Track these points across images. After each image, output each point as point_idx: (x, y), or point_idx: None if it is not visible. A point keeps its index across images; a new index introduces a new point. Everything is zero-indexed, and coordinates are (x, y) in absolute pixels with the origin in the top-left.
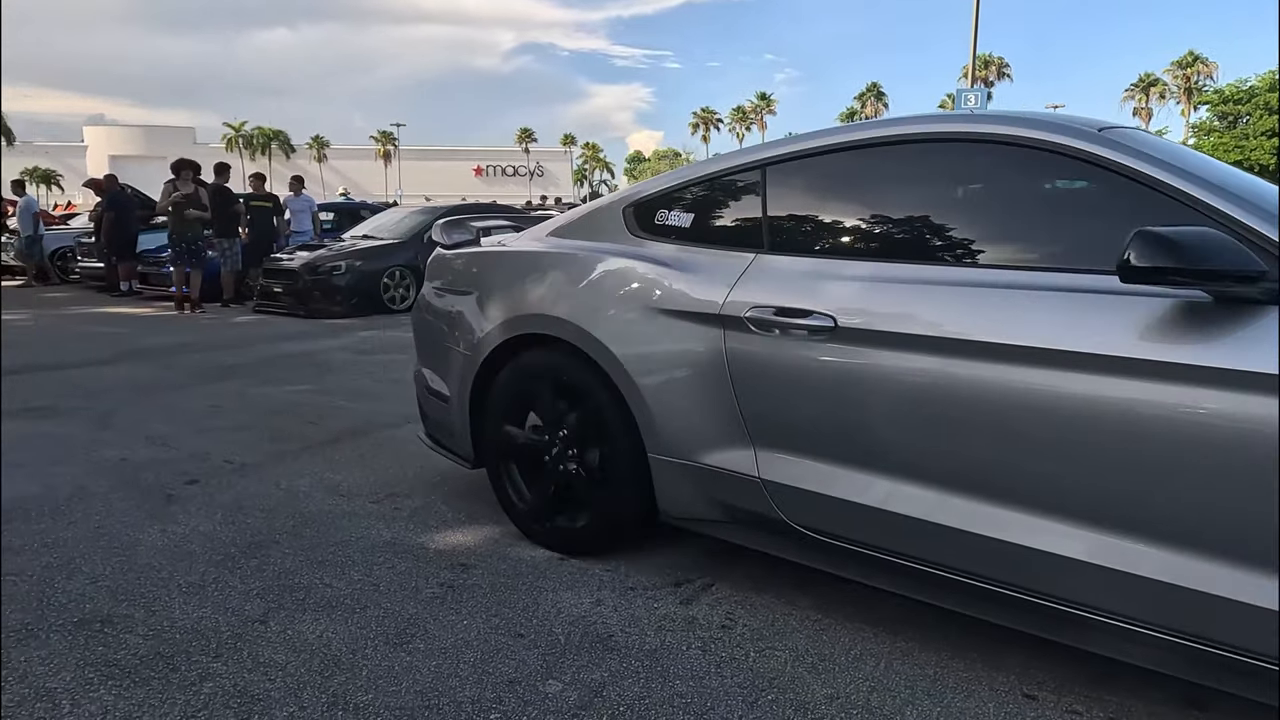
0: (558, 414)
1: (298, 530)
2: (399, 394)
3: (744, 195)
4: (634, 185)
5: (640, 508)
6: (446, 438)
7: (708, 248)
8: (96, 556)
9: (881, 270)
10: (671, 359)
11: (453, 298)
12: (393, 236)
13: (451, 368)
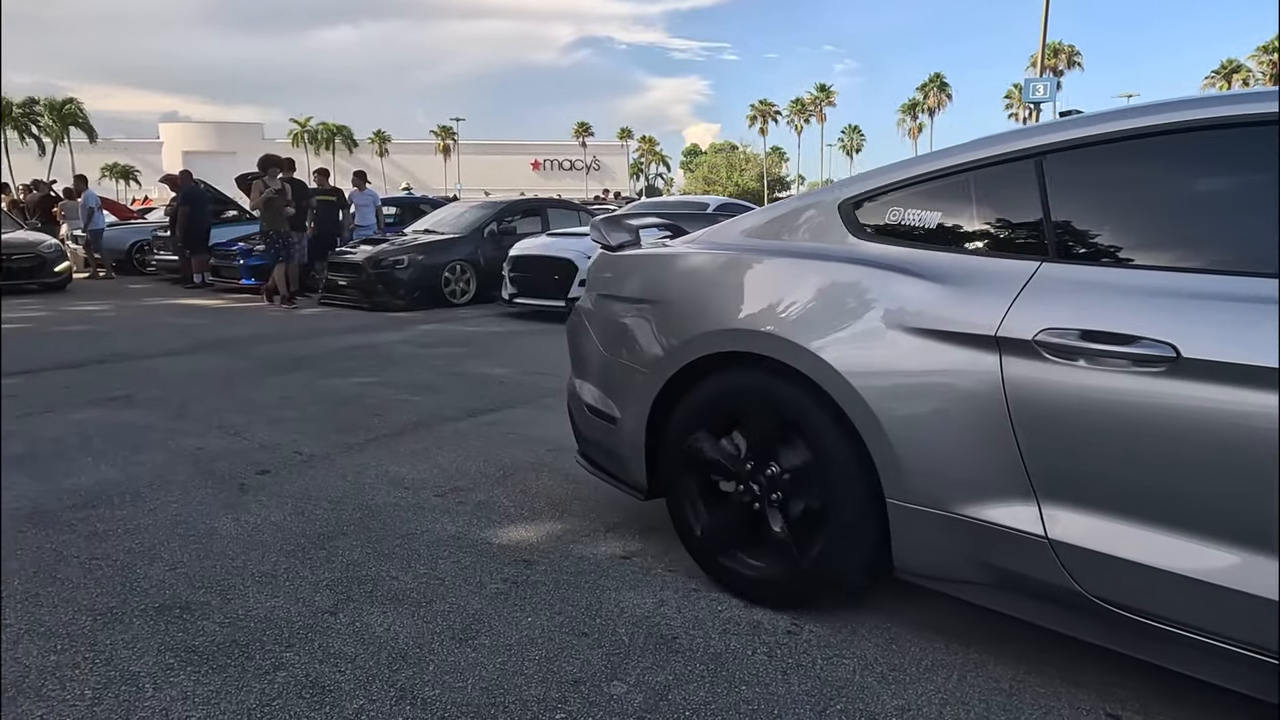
0: (762, 443)
1: (364, 522)
2: (460, 387)
3: (1013, 190)
4: (848, 178)
5: (865, 559)
6: (611, 463)
7: (964, 254)
8: (175, 544)
9: (1237, 287)
10: (926, 389)
11: (625, 307)
12: (453, 231)
13: (623, 386)
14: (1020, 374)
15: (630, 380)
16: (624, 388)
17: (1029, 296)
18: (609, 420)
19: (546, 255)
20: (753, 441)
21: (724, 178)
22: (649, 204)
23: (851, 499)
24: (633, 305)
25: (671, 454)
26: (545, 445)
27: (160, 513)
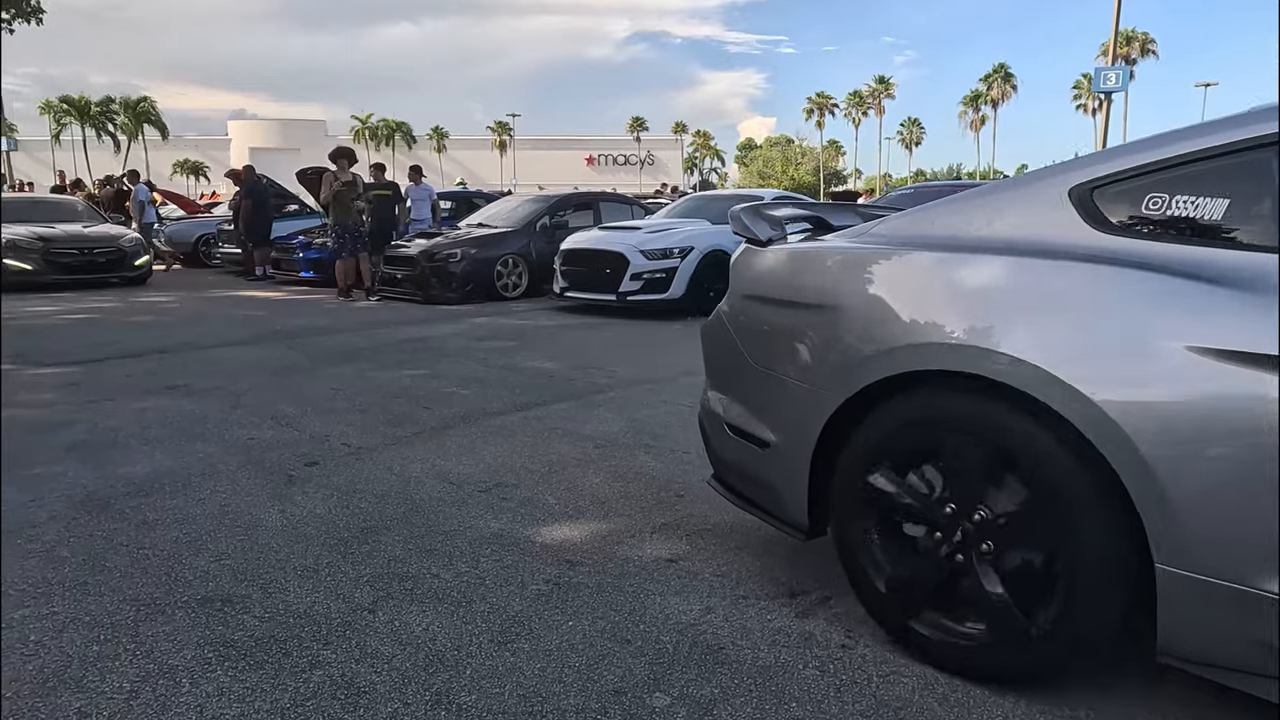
0: (968, 481)
1: (408, 517)
2: (508, 381)
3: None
4: (1073, 159)
5: (1111, 633)
6: (759, 493)
7: (1252, 251)
8: (221, 535)
9: None
10: (1215, 424)
11: (784, 312)
12: (506, 225)
13: (778, 405)
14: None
15: (789, 399)
16: (779, 407)
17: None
18: (758, 444)
19: (598, 249)
20: (955, 479)
21: (779, 172)
22: (702, 197)
23: (1096, 555)
24: (795, 310)
25: (844, 490)
26: (592, 441)
27: (209, 502)
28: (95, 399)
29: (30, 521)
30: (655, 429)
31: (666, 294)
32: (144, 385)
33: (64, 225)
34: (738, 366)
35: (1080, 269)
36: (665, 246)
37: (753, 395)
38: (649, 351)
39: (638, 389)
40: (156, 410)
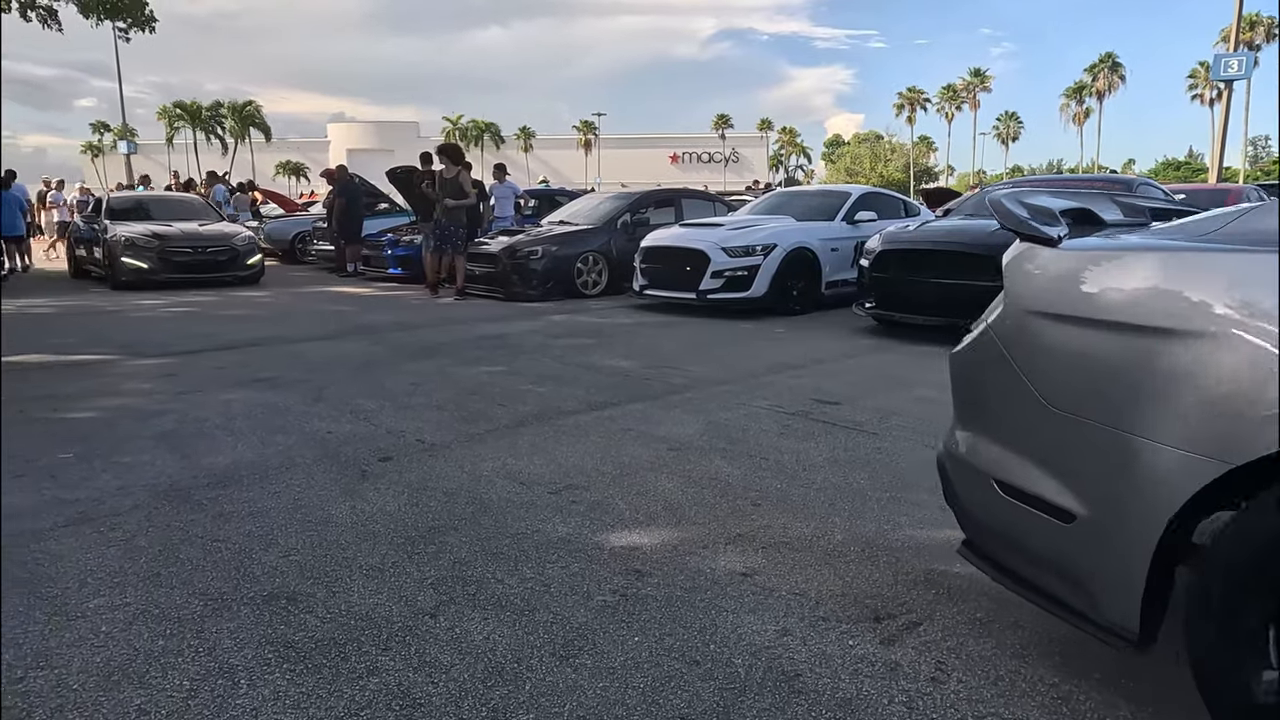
0: None
1: (476, 518)
2: (584, 379)
3: None
4: None
5: None
6: (1052, 578)
7: None
8: (293, 529)
9: None
10: None
11: (1116, 339)
12: (587, 222)
13: (1100, 465)
14: None
15: (1118, 459)
16: (1098, 468)
17: None
18: (1055, 514)
19: (678, 246)
20: None
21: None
22: (786, 193)
23: None
24: (1133, 337)
25: (1225, 602)
26: (666, 444)
27: (283, 496)
28: (187, 390)
29: (115, 510)
30: (732, 432)
31: (748, 293)
32: (234, 377)
33: (181, 223)
34: (1021, 406)
35: None
36: (748, 244)
37: (1048, 448)
38: (727, 351)
39: (715, 390)
40: (243, 402)
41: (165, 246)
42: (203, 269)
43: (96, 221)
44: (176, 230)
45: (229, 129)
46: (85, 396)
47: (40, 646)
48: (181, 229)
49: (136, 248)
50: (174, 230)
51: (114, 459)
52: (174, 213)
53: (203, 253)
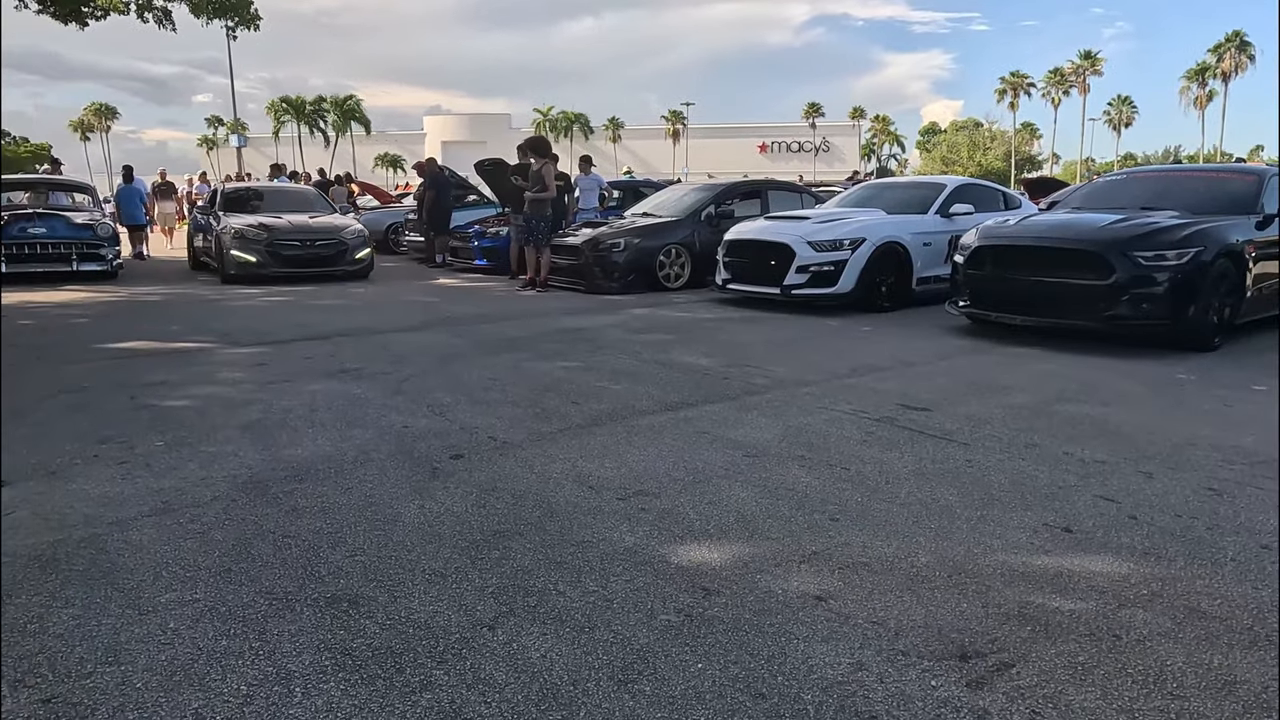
0: None
1: (541, 523)
2: (661, 377)
3: None
4: None
5: None
6: None
7: None
8: (361, 528)
9: None
10: None
11: None
12: (671, 214)
13: None
14: None
15: None
16: None
17: None
18: None
19: (763, 239)
20: None
21: (964, 157)
22: (876, 185)
23: None
24: None
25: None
26: (742, 449)
27: (355, 492)
28: (276, 380)
29: (196, 501)
30: (812, 438)
31: (834, 288)
32: (321, 368)
33: (291, 215)
34: None
35: None
36: (835, 238)
37: None
38: (810, 350)
39: (796, 392)
40: (326, 393)
41: (274, 239)
42: (311, 263)
43: (210, 212)
44: (285, 222)
45: (331, 122)
46: (183, 384)
47: (111, 641)
48: (291, 221)
49: (245, 240)
50: (283, 222)
51: (201, 448)
52: (286, 204)
53: (311, 246)
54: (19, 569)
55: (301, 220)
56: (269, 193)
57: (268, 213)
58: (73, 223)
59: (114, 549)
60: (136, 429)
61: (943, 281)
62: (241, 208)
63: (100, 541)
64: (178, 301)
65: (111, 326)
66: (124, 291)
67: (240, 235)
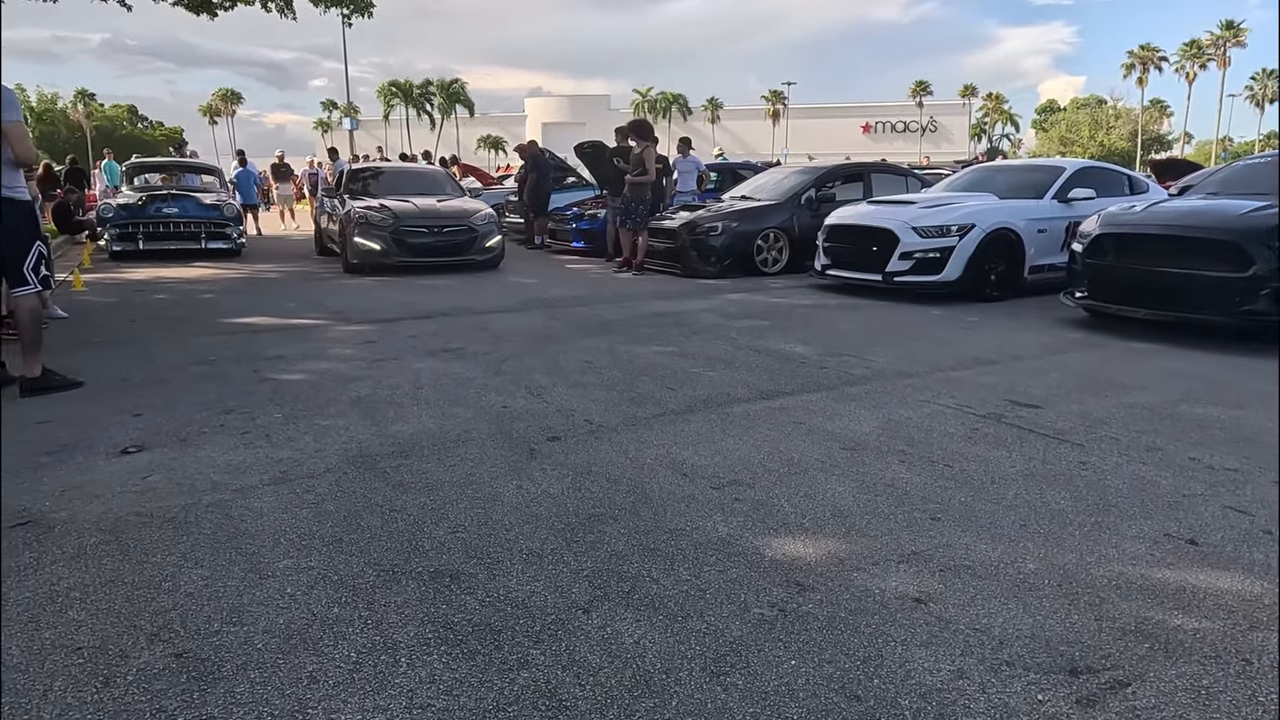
0: None
1: (636, 508)
2: (757, 364)
3: None
4: None
5: None
6: None
7: None
8: (462, 505)
9: None
10: None
11: None
12: (770, 198)
13: None
14: None
15: None
16: None
17: None
18: None
19: (865, 225)
20: None
21: (1085, 137)
22: (987, 168)
23: None
24: None
25: None
26: (839, 442)
27: (457, 469)
28: (383, 357)
29: (311, 472)
30: (913, 432)
31: (939, 276)
32: (425, 346)
33: (420, 198)
34: None
35: None
36: (942, 223)
37: None
38: (912, 340)
39: (897, 384)
40: (430, 372)
41: (399, 225)
42: (439, 252)
43: (336, 195)
44: (412, 206)
45: (437, 105)
46: (299, 359)
47: (235, 603)
48: (418, 204)
49: (369, 226)
50: (409, 206)
51: (315, 421)
52: (414, 186)
53: (439, 233)
54: (155, 529)
55: (429, 204)
56: (395, 174)
57: (394, 195)
58: (202, 203)
59: (238, 515)
60: (257, 401)
61: (1057, 270)
62: (367, 190)
63: (225, 507)
64: (294, 279)
65: (236, 302)
66: (246, 269)
67: (364, 220)
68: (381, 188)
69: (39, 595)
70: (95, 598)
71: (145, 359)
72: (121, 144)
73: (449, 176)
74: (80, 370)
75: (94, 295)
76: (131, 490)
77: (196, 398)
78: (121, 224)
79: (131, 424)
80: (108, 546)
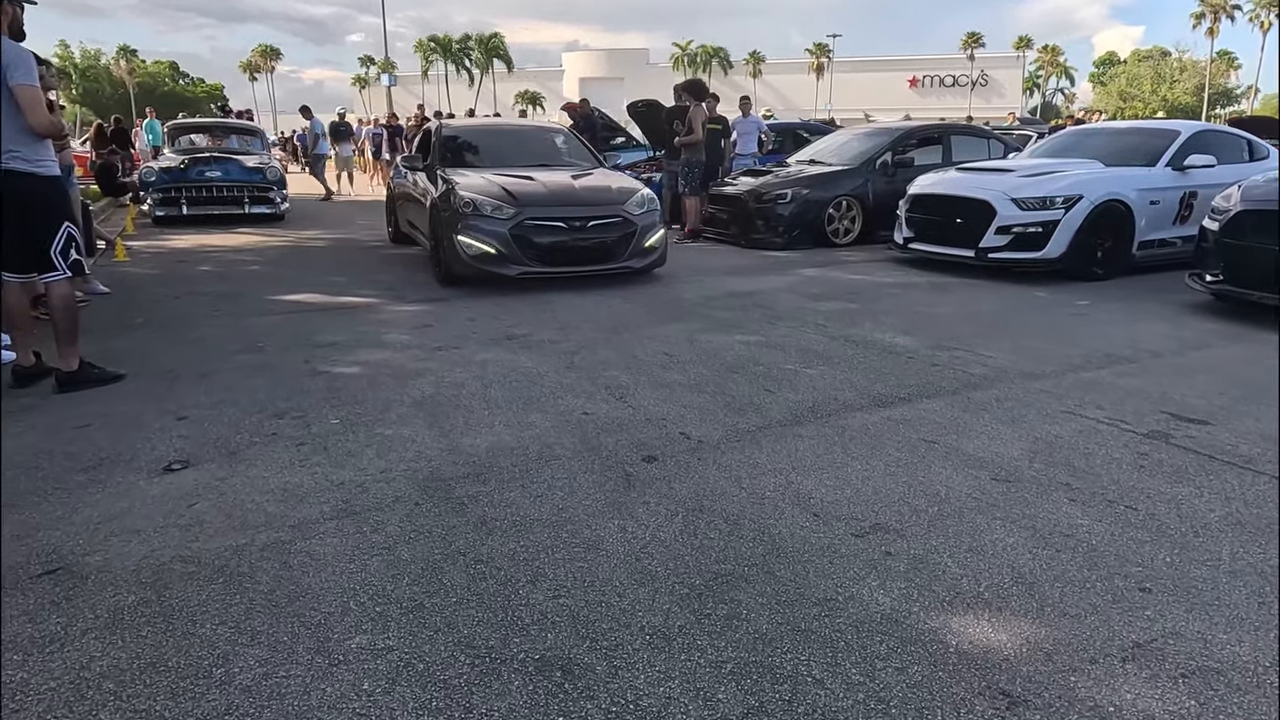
0: None
1: (768, 564)
2: (857, 360)
3: None
4: None
5: None
6: None
7: None
8: (559, 554)
9: None
10: None
11: None
12: (841, 162)
13: None
14: None
15: None
16: None
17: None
18: None
19: (957, 195)
20: None
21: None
22: (1084, 131)
23: None
24: None
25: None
26: (985, 469)
27: (545, 501)
28: (443, 346)
29: (378, 502)
30: (1070, 458)
31: (1041, 253)
32: (487, 331)
33: (544, 172)
34: None
35: None
36: (1046, 194)
37: None
38: (1023, 329)
39: (1027, 387)
40: (496, 365)
41: (525, 218)
42: (583, 257)
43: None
44: (539, 187)
45: (475, 60)
46: (353, 347)
47: (301, 704)
48: (547, 183)
49: (479, 218)
50: (534, 187)
51: (376, 430)
52: (528, 153)
53: (582, 229)
54: (204, 582)
55: (561, 182)
56: (499, 135)
57: (505, 169)
58: (245, 166)
59: (297, 564)
60: (312, 402)
61: (1168, 246)
62: (466, 160)
63: (283, 550)
64: (341, 248)
65: (283, 275)
66: (291, 236)
67: (471, 209)
68: (489, 155)
69: (64, 686)
70: (132, 691)
71: (190, 345)
72: (163, 101)
73: (573, 136)
74: (122, 359)
75: (137, 266)
76: (176, 524)
77: (246, 396)
78: (164, 188)
79: (175, 429)
80: (149, 609)
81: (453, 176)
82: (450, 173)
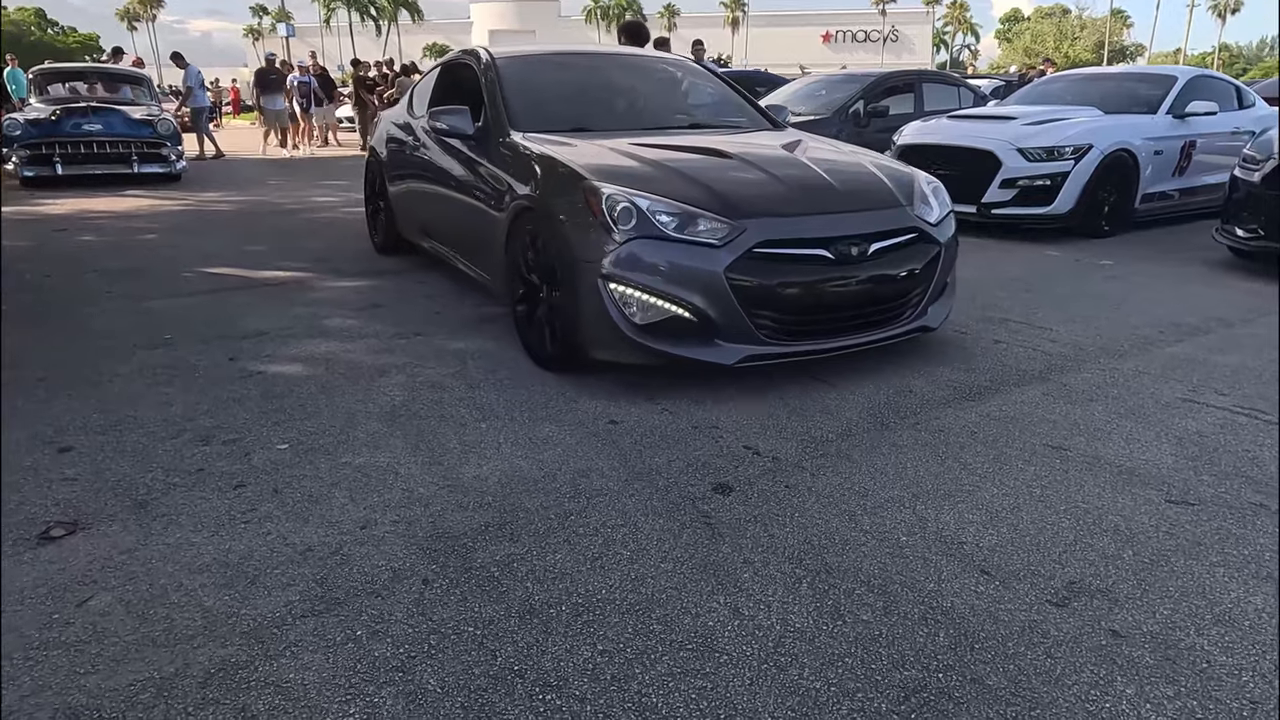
0: None
1: (966, 664)
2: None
3: None
4: None
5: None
6: None
7: None
8: (661, 668)
9: None
10: None
11: None
12: (812, 112)
13: None
14: None
15: None
16: None
17: None
18: None
19: (957, 145)
20: None
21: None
22: (1073, 76)
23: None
24: None
25: None
26: (1153, 487)
27: (609, 568)
28: (402, 332)
29: (369, 583)
30: (1240, 465)
31: (1049, 208)
32: (456, 311)
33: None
34: None
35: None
36: (1053, 144)
37: None
38: (1068, 294)
39: (1118, 367)
40: (479, 355)
41: (756, 244)
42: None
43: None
44: (764, 176)
45: (381, 9)
46: (288, 336)
47: None
48: (769, 164)
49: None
50: (755, 176)
51: (341, 457)
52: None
53: (859, 262)
54: None
55: (793, 164)
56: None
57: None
58: (131, 118)
59: (263, 710)
60: (246, 416)
61: (1167, 199)
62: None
63: (237, 684)
64: (254, 212)
65: (187, 245)
66: (191, 199)
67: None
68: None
69: None
70: None
71: (73, 341)
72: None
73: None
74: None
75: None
76: (58, 642)
77: (155, 412)
78: (32, 143)
79: (55, 469)
80: None
81: (557, 153)
82: (546, 145)
